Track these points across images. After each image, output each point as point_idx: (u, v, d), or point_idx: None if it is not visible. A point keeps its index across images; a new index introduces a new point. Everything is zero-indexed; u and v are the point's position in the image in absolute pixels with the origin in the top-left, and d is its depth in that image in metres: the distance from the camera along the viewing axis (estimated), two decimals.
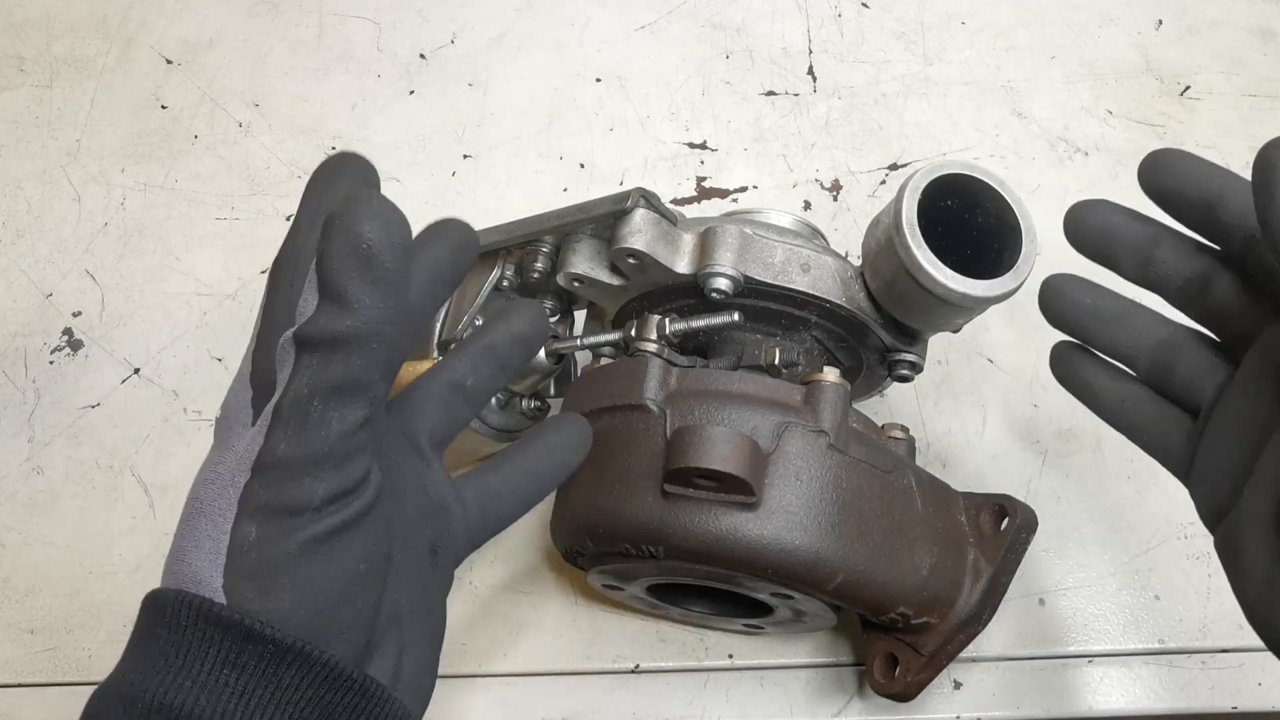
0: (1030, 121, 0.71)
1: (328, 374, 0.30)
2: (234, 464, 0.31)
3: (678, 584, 0.47)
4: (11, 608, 0.58)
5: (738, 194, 0.69)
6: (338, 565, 0.31)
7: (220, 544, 0.30)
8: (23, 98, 0.75)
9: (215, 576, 0.30)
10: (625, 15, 0.76)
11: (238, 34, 0.77)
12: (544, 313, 0.43)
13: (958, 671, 0.53)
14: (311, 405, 0.30)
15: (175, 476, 0.61)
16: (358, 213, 0.29)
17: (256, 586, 0.30)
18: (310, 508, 0.30)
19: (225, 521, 0.30)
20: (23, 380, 0.65)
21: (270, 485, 0.30)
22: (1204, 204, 0.37)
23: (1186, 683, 0.53)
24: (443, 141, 0.71)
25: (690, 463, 0.40)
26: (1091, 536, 0.56)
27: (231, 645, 0.29)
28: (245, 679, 0.29)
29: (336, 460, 0.30)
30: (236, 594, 0.30)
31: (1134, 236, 0.39)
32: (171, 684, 0.29)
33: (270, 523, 0.30)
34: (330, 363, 0.30)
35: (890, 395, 0.60)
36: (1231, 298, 0.37)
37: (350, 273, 0.29)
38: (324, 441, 0.30)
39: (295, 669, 0.30)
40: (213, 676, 0.29)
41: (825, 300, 0.47)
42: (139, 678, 0.30)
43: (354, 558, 0.32)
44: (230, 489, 0.31)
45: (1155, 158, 0.38)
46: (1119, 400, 0.41)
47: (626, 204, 0.46)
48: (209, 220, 0.69)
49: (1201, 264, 0.38)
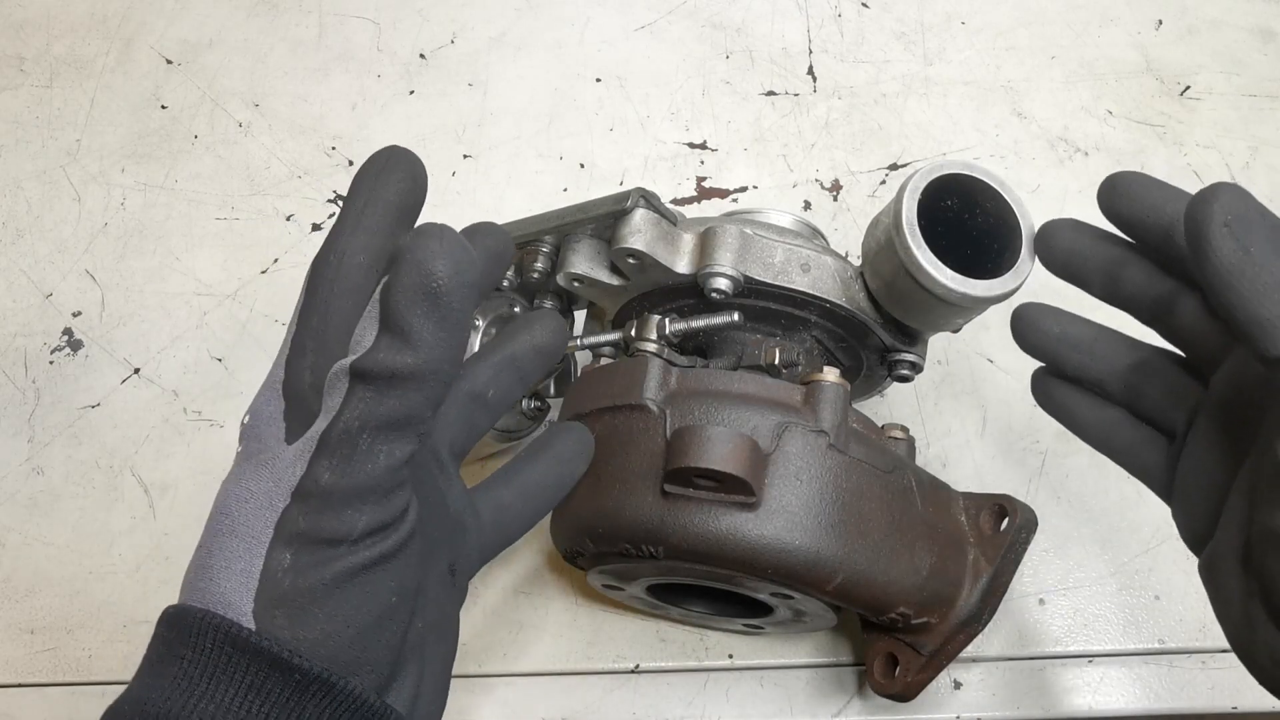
0: (1030, 121, 0.71)
1: (381, 408, 0.29)
2: (270, 485, 0.31)
3: (678, 584, 0.47)
4: (11, 608, 0.58)
5: (738, 194, 0.69)
6: (371, 598, 0.31)
7: (253, 568, 0.30)
8: (23, 98, 0.75)
9: (245, 601, 0.30)
10: (625, 15, 0.76)
11: (238, 34, 0.77)
12: (564, 324, 0.43)
13: (958, 671, 0.53)
14: (361, 438, 0.30)
15: (175, 476, 0.61)
16: (430, 249, 0.29)
17: (287, 615, 0.30)
18: (349, 540, 0.30)
19: (259, 545, 0.30)
20: (23, 380, 0.65)
21: (310, 514, 0.30)
22: (1160, 230, 0.36)
23: (1186, 683, 0.53)
24: (443, 141, 0.71)
25: (690, 463, 0.40)
26: (1091, 536, 0.56)
27: (258, 673, 0.29)
28: (269, 708, 0.29)
29: (380, 494, 0.30)
30: (266, 621, 0.30)
31: (1100, 257, 0.39)
32: (194, 708, 0.29)
33: (307, 551, 0.30)
34: (385, 397, 0.29)
35: (890, 395, 0.60)
36: (1197, 320, 0.37)
37: (417, 310, 0.29)
38: (369, 475, 0.30)
39: (318, 700, 0.30)
40: (236, 702, 0.29)
41: (825, 300, 0.47)
42: (159, 697, 0.29)
43: (387, 590, 0.31)
44: (267, 511, 0.30)
45: (1112, 182, 0.38)
46: (1098, 424, 0.42)
47: (626, 204, 0.46)
48: (209, 220, 0.69)
49: (1167, 286, 0.38)
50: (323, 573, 0.30)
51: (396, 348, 0.29)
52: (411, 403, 0.30)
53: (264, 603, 0.30)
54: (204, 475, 0.61)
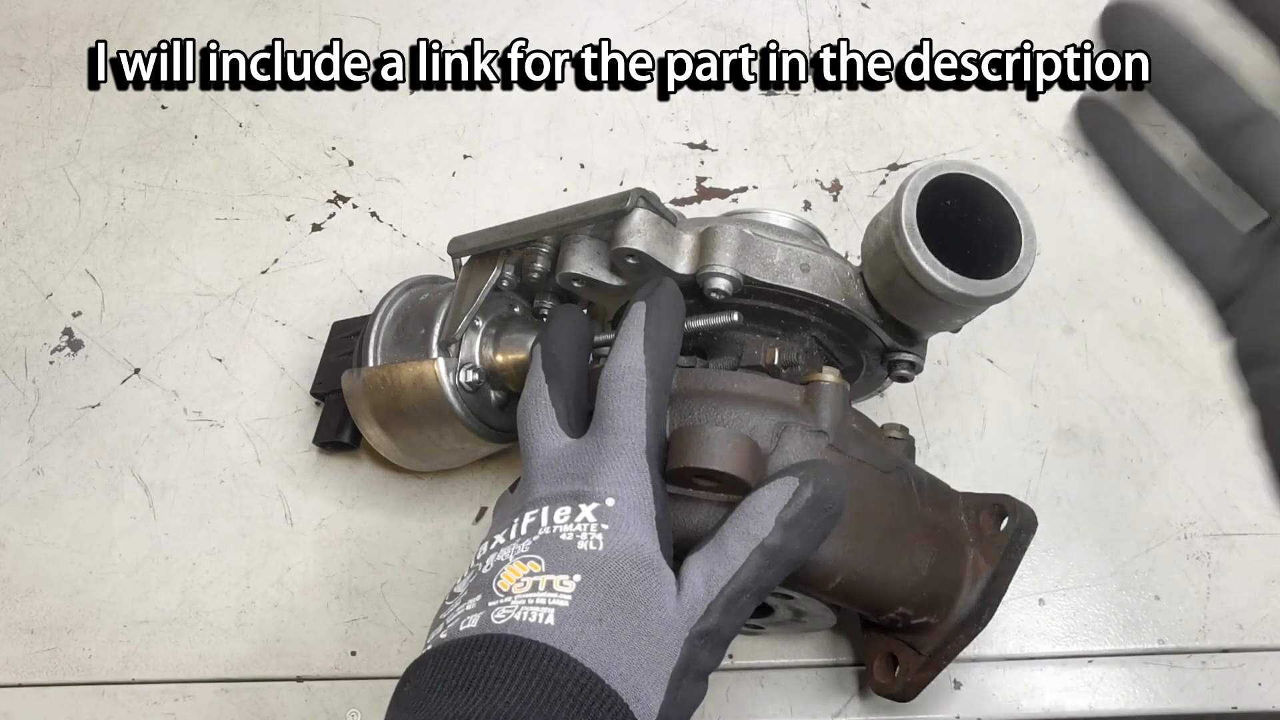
0: (1030, 121, 0.71)
1: (765, 579, 0.38)
2: (685, 618, 0.37)
3: None
4: (11, 608, 0.58)
5: (738, 194, 0.69)
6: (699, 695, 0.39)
7: (662, 677, 0.36)
8: (23, 98, 0.75)
9: (654, 700, 0.35)
10: (625, 15, 0.76)
11: (238, 34, 0.77)
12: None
13: (958, 671, 0.53)
14: (743, 598, 0.38)
15: (175, 476, 0.61)
16: (824, 477, 0.39)
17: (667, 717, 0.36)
18: (710, 671, 0.38)
19: (671, 658, 0.36)
20: (23, 380, 0.65)
21: (705, 650, 0.37)
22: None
23: (1186, 683, 0.53)
24: (443, 141, 0.71)
25: (690, 463, 0.40)
26: (1091, 536, 0.56)
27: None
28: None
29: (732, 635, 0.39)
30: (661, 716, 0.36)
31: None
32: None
33: (692, 675, 0.37)
34: (769, 572, 0.38)
35: (890, 395, 0.60)
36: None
37: (816, 529, 0.39)
38: (736, 628, 0.38)
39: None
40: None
41: (825, 300, 0.47)
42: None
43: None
44: (681, 632, 0.37)
45: (1119, 11, 0.34)
46: (1159, 183, 0.34)
47: (626, 204, 0.46)
48: (209, 220, 0.70)
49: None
50: (698, 692, 0.38)
51: (796, 545, 0.39)
52: (776, 579, 0.39)
53: (667, 704, 0.36)
54: (204, 475, 0.61)
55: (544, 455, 0.41)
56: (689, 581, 0.38)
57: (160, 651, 0.56)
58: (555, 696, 0.33)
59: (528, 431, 0.41)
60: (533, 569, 0.37)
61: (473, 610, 0.36)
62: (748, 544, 0.38)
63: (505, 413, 0.53)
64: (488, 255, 0.52)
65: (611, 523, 0.37)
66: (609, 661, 0.35)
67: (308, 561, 0.58)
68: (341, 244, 0.68)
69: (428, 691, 0.35)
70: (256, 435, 0.62)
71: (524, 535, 0.38)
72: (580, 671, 0.34)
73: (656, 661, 0.36)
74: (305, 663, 0.56)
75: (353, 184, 0.70)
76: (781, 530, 0.38)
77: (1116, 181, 0.35)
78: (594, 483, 0.38)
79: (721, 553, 0.38)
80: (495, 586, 0.37)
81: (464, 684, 0.34)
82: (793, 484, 0.39)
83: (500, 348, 0.52)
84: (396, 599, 0.57)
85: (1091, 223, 0.66)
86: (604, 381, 0.40)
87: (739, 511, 0.39)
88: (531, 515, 0.39)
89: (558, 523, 0.38)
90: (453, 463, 0.58)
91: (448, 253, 0.54)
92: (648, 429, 0.39)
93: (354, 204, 0.69)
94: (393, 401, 0.52)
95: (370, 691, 0.55)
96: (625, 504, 0.38)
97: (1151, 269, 0.64)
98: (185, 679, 0.56)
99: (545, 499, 0.39)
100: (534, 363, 0.43)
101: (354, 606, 0.57)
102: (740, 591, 0.37)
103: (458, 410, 0.51)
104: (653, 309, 0.41)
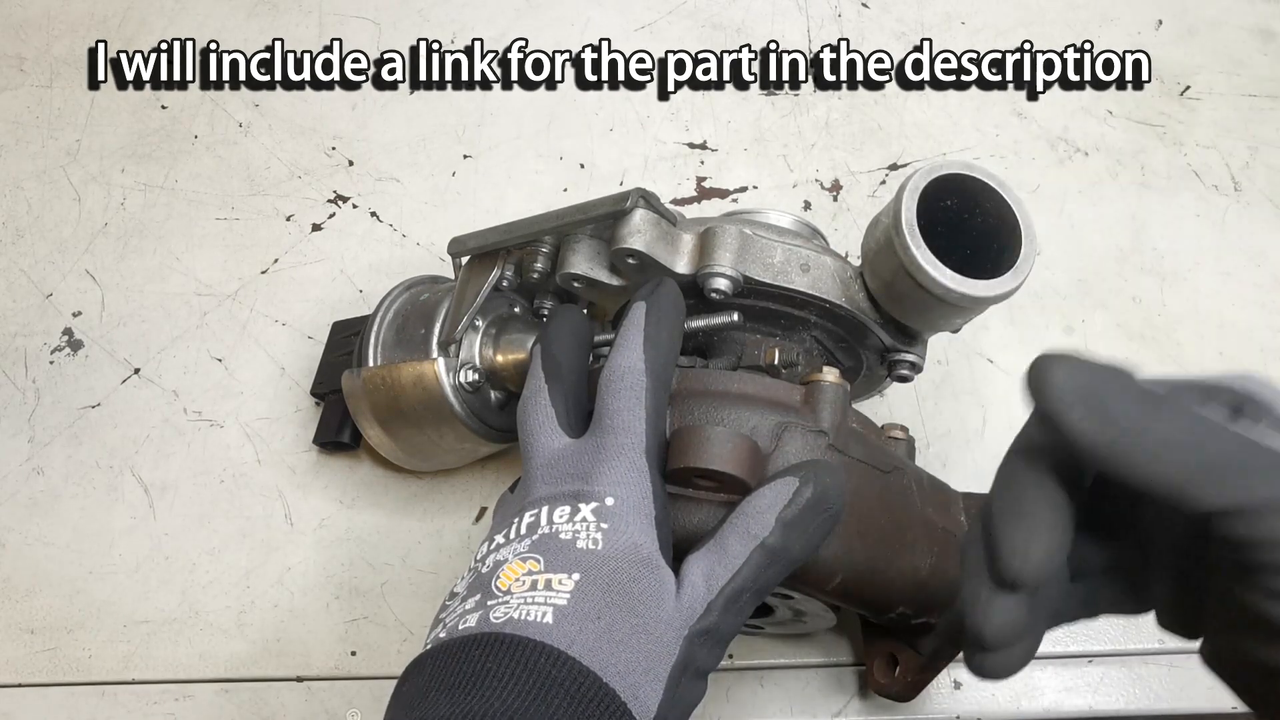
0: (1030, 121, 0.71)
1: (765, 578, 0.38)
2: (684, 616, 0.37)
3: None
4: (11, 608, 0.58)
5: (738, 194, 0.69)
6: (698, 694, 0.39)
7: (660, 676, 0.36)
8: (23, 98, 0.75)
9: (652, 699, 0.35)
10: (625, 15, 0.76)
11: (238, 34, 0.77)
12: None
13: (958, 671, 0.53)
14: (743, 597, 0.38)
15: (175, 476, 0.61)
16: (824, 478, 0.39)
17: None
18: (709, 670, 0.38)
19: (670, 656, 0.36)
20: (23, 380, 0.65)
21: (704, 649, 0.37)
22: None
23: (1186, 683, 0.53)
24: (443, 141, 0.71)
25: (690, 463, 0.40)
26: None
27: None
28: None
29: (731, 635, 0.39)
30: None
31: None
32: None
33: (691, 673, 0.37)
34: (769, 572, 0.38)
35: (890, 395, 0.60)
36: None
37: (817, 529, 0.39)
38: (736, 627, 0.38)
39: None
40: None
41: (825, 300, 0.47)
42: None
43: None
44: (681, 630, 0.37)
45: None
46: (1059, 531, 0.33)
47: (626, 204, 0.46)
48: (209, 220, 0.70)
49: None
50: (697, 691, 0.38)
51: (780, 558, 0.39)
52: (777, 578, 0.39)
53: (664, 706, 0.36)
54: (204, 475, 0.61)
55: (544, 455, 0.41)
56: (689, 580, 0.38)
57: (160, 651, 0.56)
58: (553, 694, 0.33)
59: (528, 431, 0.42)
60: (531, 568, 0.37)
61: (472, 609, 0.36)
62: (748, 543, 0.38)
63: (505, 413, 0.53)
64: (488, 255, 0.52)
65: (611, 522, 0.37)
66: (607, 659, 0.35)
67: (308, 561, 0.58)
68: (341, 244, 0.68)
69: (426, 690, 0.35)
70: (256, 435, 0.62)
71: (523, 535, 0.38)
72: (578, 669, 0.34)
73: (655, 660, 0.36)
74: (305, 663, 0.56)
75: (353, 184, 0.70)
76: (782, 530, 0.38)
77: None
78: (593, 482, 0.38)
79: (722, 552, 0.38)
80: (494, 585, 0.37)
81: (462, 682, 0.34)
82: (793, 484, 0.39)
83: (500, 348, 0.52)
84: (396, 599, 0.57)
85: (1091, 223, 0.66)
86: (604, 381, 0.40)
87: (739, 511, 0.39)
88: (531, 515, 0.39)
89: (557, 522, 0.38)
90: (453, 463, 0.58)
91: (448, 253, 0.54)
92: (647, 429, 0.39)
93: (354, 204, 0.69)
94: (393, 401, 0.52)
95: (370, 691, 0.55)
96: (625, 503, 0.38)
97: (1151, 269, 0.64)
98: (185, 679, 0.56)
99: (545, 499, 0.39)
100: (534, 363, 0.43)
101: (354, 606, 0.57)
102: (740, 591, 0.38)
103: (458, 410, 0.51)
104: (653, 309, 0.41)
